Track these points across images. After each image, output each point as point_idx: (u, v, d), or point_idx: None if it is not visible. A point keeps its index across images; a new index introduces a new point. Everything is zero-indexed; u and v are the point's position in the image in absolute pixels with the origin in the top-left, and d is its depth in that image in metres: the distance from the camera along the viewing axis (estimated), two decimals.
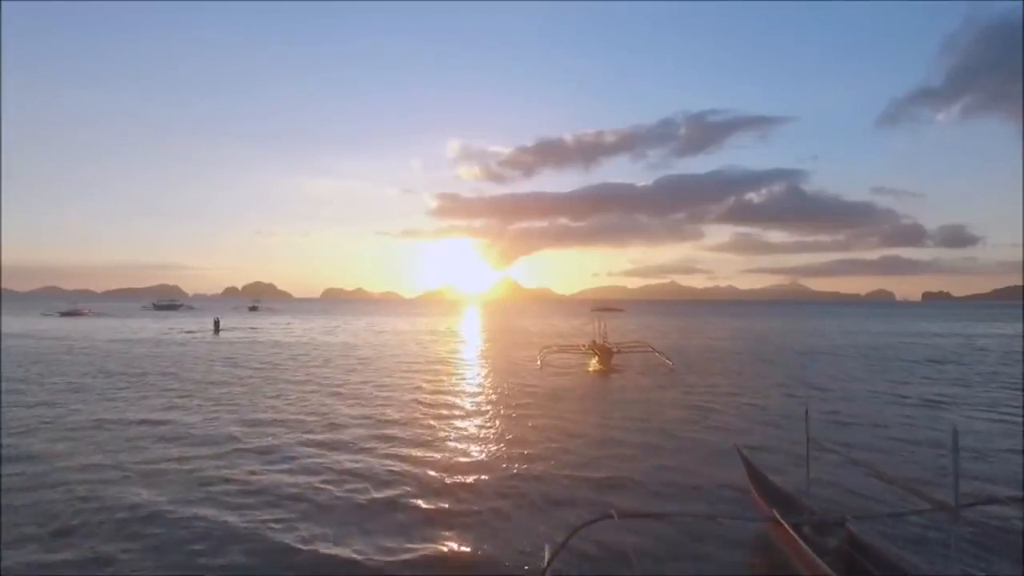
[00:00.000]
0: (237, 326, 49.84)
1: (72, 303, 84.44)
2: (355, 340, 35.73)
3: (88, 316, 69.64)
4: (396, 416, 13.16)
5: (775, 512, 5.43)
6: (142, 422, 12.27)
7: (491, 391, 16.84)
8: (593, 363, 22.92)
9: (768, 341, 36.48)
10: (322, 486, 8.20)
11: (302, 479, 8.50)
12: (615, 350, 22.55)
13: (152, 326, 49.02)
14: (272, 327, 49.27)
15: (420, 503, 7.61)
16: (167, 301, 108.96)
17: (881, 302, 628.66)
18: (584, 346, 24.85)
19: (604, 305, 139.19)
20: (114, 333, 39.58)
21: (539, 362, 22.61)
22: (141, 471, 8.85)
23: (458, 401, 15.16)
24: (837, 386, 17.63)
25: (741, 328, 53.29)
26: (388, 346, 31.64)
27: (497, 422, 12.68)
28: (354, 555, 6.03)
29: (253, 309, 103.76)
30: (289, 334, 40.48)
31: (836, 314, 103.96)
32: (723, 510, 7.37)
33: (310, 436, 11.16)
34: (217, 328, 42.68)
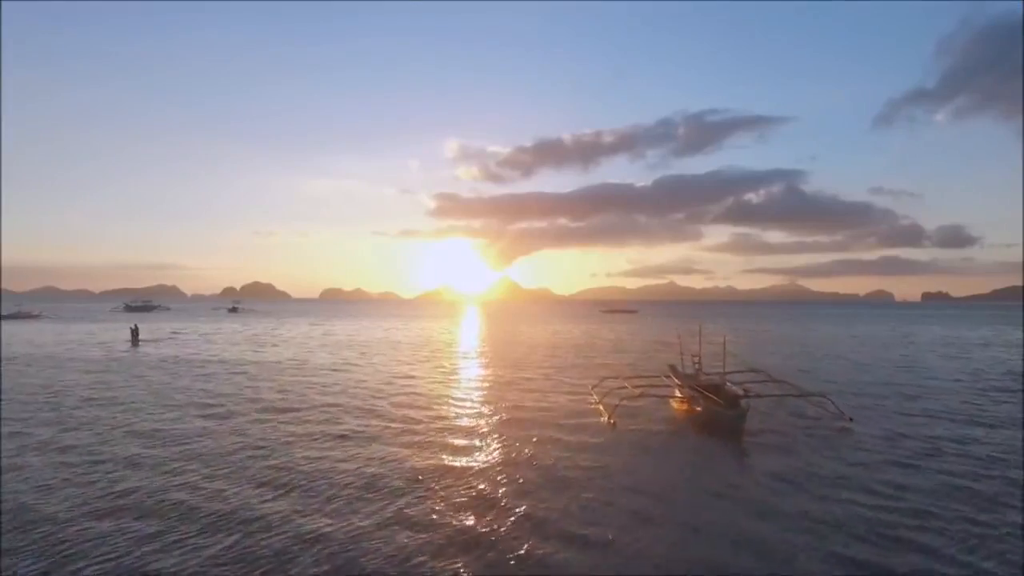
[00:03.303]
0: (184, 331, 41.15)
1: (18, 304, 75.21)
2: (305, 358, 25.88)
3: (37, 319, 60.70)
4: None
5: None
6: None
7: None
8: (676, 405, 13.54)
9: (879, 355, 26.45)
10: None
11: None
12: (741, 392, 12.11)
13: (76, 331, 39.83)
14: (213, 334, 39.68)
15: None
16: (141, 302, 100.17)
17: (881, 302, 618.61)
18: (674, 379, 14.75)
19: (614, 306, 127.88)
20: (13, 346, 30.02)
21: (608, 417, 12.57)
22: None
23: None
24: None
25: (781, 335, 43.24)
26: (343, 373, 21.87)
27: None
28: None
29: (233, 310, 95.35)
30: (222, 347, 30.73)
31: (854, 316, 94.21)
32: None
33: None
34: (135, 338, 32.96)
